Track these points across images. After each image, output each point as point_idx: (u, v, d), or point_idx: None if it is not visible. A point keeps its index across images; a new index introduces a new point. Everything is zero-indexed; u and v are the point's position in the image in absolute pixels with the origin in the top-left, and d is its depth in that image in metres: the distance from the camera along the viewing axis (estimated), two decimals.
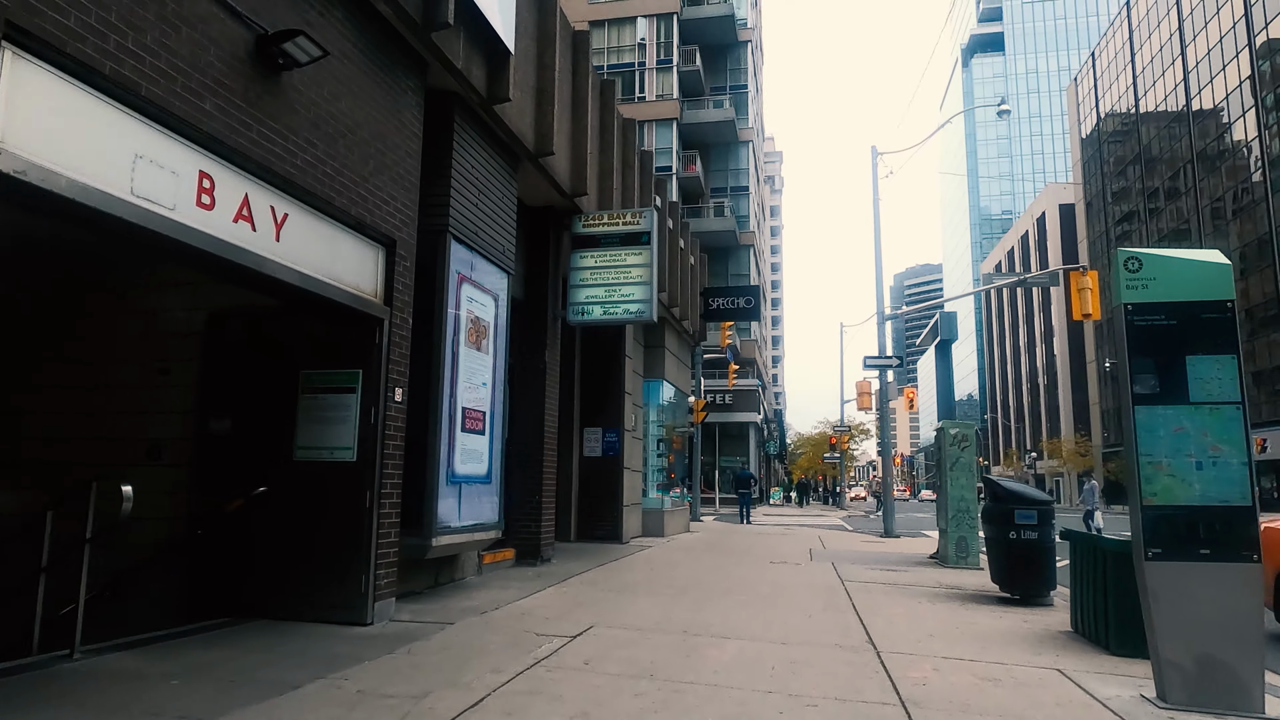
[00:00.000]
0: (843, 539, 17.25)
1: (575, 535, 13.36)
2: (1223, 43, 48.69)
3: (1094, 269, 17.87)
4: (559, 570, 9.39)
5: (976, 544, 11.95)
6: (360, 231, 5.97)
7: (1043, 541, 8.42)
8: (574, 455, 13.45)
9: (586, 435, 13.66)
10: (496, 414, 8.12)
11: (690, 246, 18.06)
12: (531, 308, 10.08)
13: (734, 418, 37.76)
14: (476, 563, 8.61)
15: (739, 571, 10.18)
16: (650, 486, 16.59)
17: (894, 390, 18.91)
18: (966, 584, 9.80)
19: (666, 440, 17.78)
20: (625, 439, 13.69)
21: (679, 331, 17.79)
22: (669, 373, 16.99)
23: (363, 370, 6.09)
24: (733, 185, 41.46)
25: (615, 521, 13.32)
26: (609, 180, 11.20)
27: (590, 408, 13.70)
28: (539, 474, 9.76)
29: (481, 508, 7.71)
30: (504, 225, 8.38)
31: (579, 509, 13.46)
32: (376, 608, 5.89)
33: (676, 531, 17.18)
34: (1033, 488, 8.97)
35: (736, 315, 18.39)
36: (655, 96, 38.78)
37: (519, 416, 9.90)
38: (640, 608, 7.06)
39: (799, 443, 77.26)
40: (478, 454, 7.66)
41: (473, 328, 7.62)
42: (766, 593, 8.29)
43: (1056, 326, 79.66)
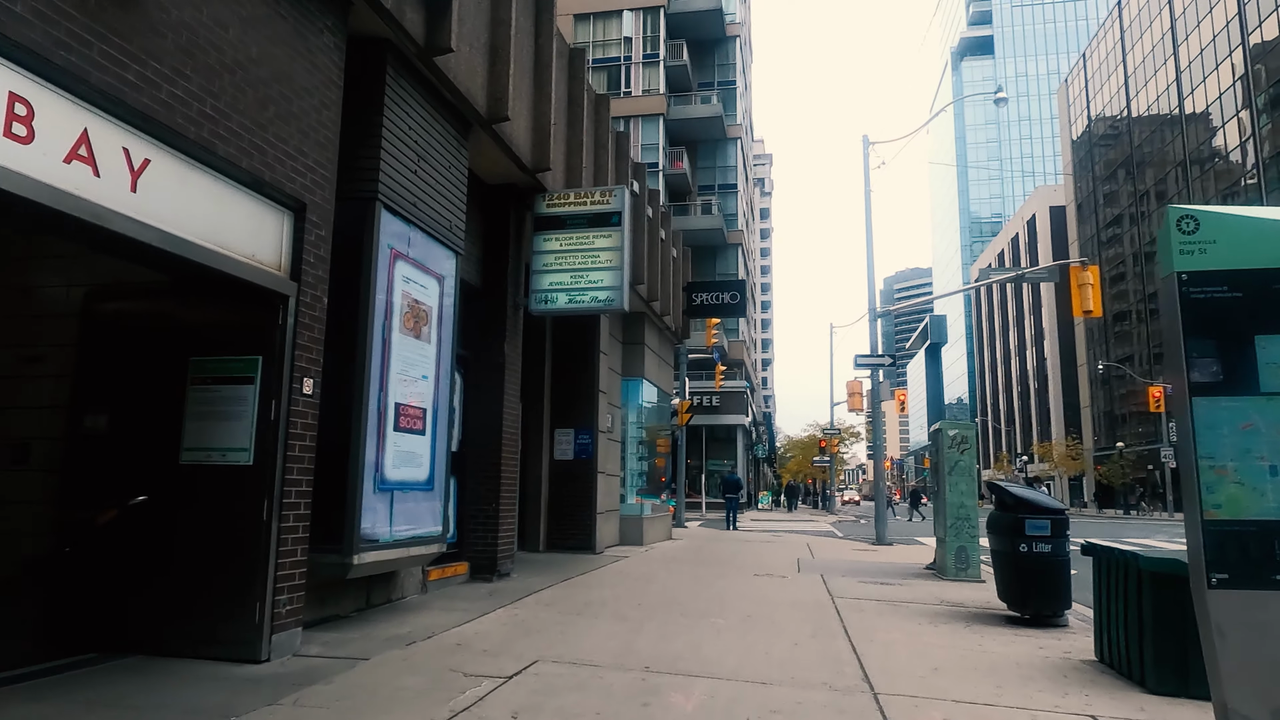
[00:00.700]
0: (833, 547, 16.33)
1: (544, 545, 12.38)
2: (1215, 42, 48.23)
3: (1094, 264, 17.00)
4: (516, 587, 8.41)
5: (977, 554, 11.05)
6: (258, 191, 4.99)
7: (1057, 555, 7.51)
8: (543, 459, 12.48)
9: (557, 437, 12.70)
10: (441, 411, 7.15)
11: (672, 239, 17.13)
12: (490, 295, 9.12)
13: (722, 420, 36.85)
14: (420, 580, 7.63)
15: (719, 586, 9.23)
16: (629, 492, 15.63)
17: (886, 391, 18.01)
18: (969, 600, 8.88)
19: (647, 443, 16.83)
20: (600, 441, 12.73)
21: (660, 328, 16.84)
22: (649, 371, 16.04)
23: (263, 357, 5.11)
24: (721, 183, 40.60)
25: (588, 530, 12.36)
26: (577, 158, 10.25)
27: (561, 407, 12.74)
28: (496, 479, 8.79)
29: (420, 518, 6.74)
30: (451, 199, 7.42)
31: (549, 517, 12.49)
32: (275, 641, 4.91)
33: (658, 539, 16.22)
34: (1044, 493, 8.06)
35: (721, 311, 17.47)
36: (641, 91, 37.91)
37: (474, 416, 8.94)
38: (599, 635, 6.09)
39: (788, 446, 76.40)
40: (415, 457, 6.68)
41: (410, 312, 6.65)
42: (747, 613, 7.34)
43: (1047, 329, 79.19)
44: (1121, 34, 61.91)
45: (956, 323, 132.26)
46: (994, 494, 8.08)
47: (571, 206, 9.32)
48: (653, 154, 37.07)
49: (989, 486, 8.30)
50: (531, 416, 12.49)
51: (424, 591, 7.67)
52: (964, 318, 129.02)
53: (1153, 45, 56.51)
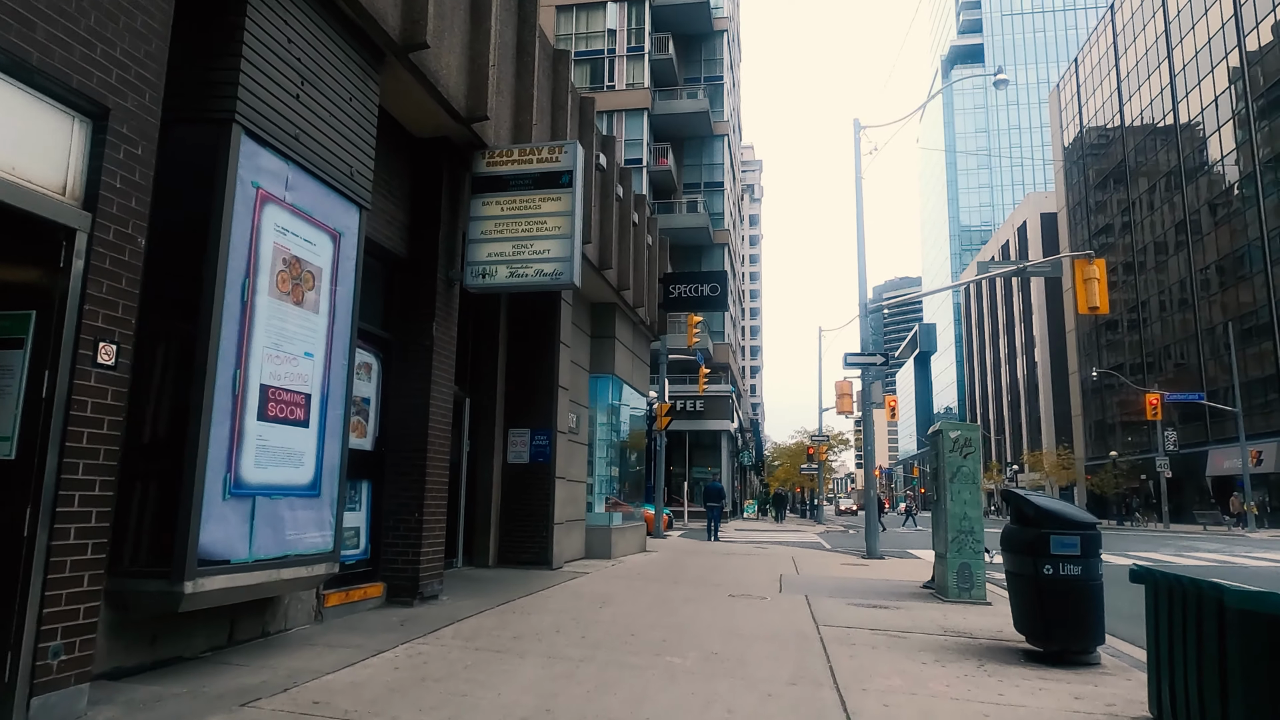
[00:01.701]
0: (820, 561, 14.99)
1: (495, 560, 10.98)
2: (1210, 45, 47.45)
3: (1100, 258, 15.80)
4: (439, 613, 7.02)
5: (983, 572, 9.73)
6: (22, 80, 3.62)
7: (1089, 579, 6.19)
8: (495, 462, 11.09)
9: (511, 437, 11.31)
10: (334, 399, 5.77)
11: (648, 225, 15.80)
12: (418, 268, 7.75)
13: (706, 425, 35.51)
14: (314, 607, 6.23)
15: (685, 612, 7.86)
16: (597, 500, 14.26)
17: (877, 394, 16.73)
18: (977, 629, 7.55)
19: (619, 446, 15.46)
20: (559, 443, 11.36)
21: (633, 321, 15.49)
22: (621, 368, 14.68)
23: (36, 312, 3.74)
24: (707, 181, 39.39)
25: (543, 543, 10.97)
26: (527, 114, 8.91)
27: (517, 404, 11.36)
28: (421, 483, 7.40)
29: (299, 531, 5.35)
30: (354, 140, 6.06)
31: (500, 527, 11.10)
32: (38, 706, 3.51)
33: (629, 552, 14.83)
34: (1073, 505, 6.73)
35: (701, 304, 16.16)
36: (625, 85, 36.70)
37: (396, 408, 7.55)
38: (516, 685, 4.72)
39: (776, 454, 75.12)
40: (292, 454, 5.29)
41: (287, 272, 5.28)
42: (713, 649, 5.98)
43: (1038, 337, 78.34)
44: (1114, 38, 61.23)
45: (946, 331, 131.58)
46: (1011, 505, 6.76)
47: (515, 165, 7.97)
48: (637, 150, 35.84)
49: (1004, 496, 6.97)
50: (482, 414, 11.12)
51: (318, 621, 6.27)
52: (953, 326, 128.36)
53: (1146, 49, 55.79)
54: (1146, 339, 57.07)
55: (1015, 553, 6.51)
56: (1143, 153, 56.90)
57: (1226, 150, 46.08)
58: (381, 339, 7.52)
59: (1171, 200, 52.83)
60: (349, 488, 7.05)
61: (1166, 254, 53.22)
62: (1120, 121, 60.16)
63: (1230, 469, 43.47)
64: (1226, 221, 45.96)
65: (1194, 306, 49.66)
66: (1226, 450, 44.76)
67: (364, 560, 7.19)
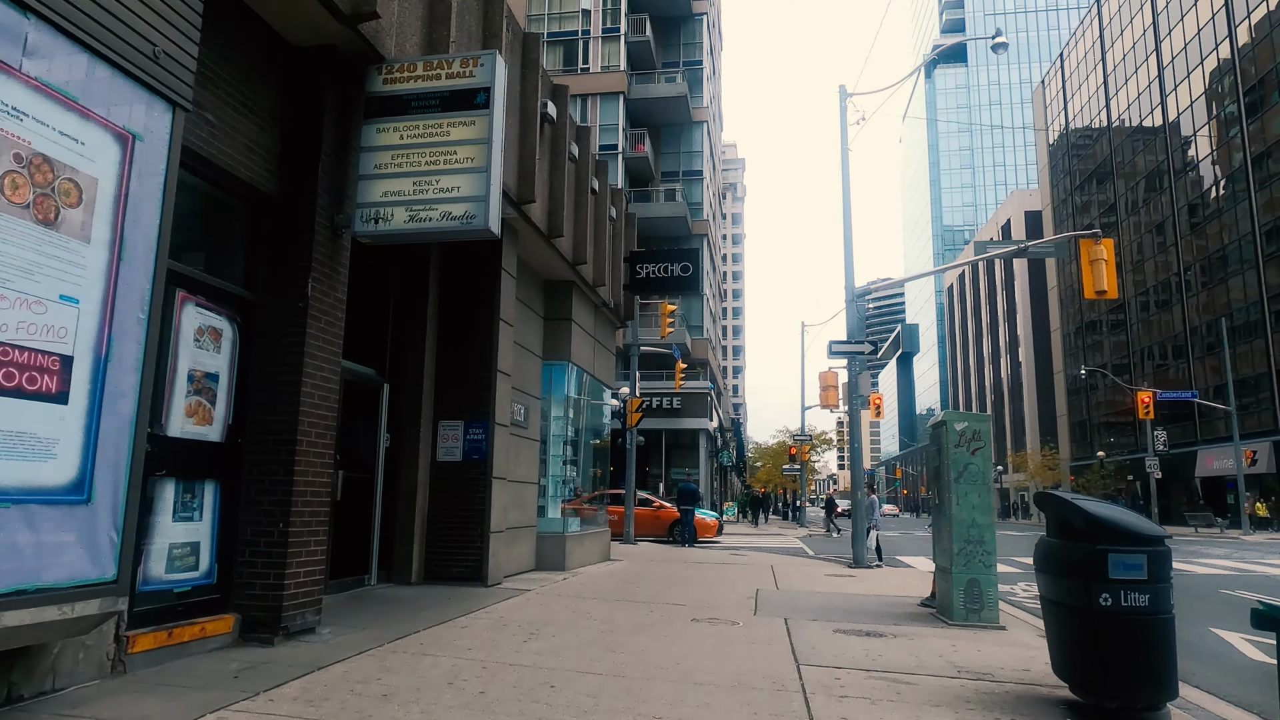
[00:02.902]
0: (802, 570, 13.41)
1: (420, 575, 9.30)
2: (1200, 36, 46.50)
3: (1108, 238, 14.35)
4: (305, 654, 5.35)
5: (994, 589, 8.18)
6: None
7: (1158, 611, 4.63)
8: (421, 459, 9.41)
9: (442, 431, 9.63)
10: (122, 364, 4.09)
11: (611, 196, 14.17)
12: (291, 209, 6.07)
13: (683, 424, 33.89)
14: (109, 654, 4.55)
15: (633, 646, 6.24)
16: (551, 504, 12.60)
17: (864, 384, 15.19)
18: (998, 666, 5.98)
19: (579, 443, 13.82)
20: (498, 437, 9.70)
21: (594, 304, 13.86)
22: (579, 355, 13.04)
23: None
24: (685, 169, 37.81)
25: (477, 555, 9.30)
26: (444, 29, 7.23)
27: (449, 392, 9.69)
28: (287, 485, 5.73)
29: (44, 555, 3.67)
30: (162, 7, 4.38)
31: (427, 536, 9.42)
32: None
33: (588, 561, 13.19)
34: (1132, 511, 5.16)
35: (672, 286, 14.53)
36: (600, 68, 35.07)
37: (258, 388, 5.88)
38: None
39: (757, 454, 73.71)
40: (36, 444, 3.62)
41: (24, 175, 3.60)
42: (657, 715, 4.35)
43: (1022, 336, 77.48)
44: (1101, 31, 60.33)
45: (928, 332, 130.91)
46: (1050, 513, 5.19)
47: (419, 82, 6.30)
48: (612, 135, 34.21)
49: (1041, 501, 5.39)
50: (406, 403, 9.44)
51: (116, 674, 4.58)
52: (936, 326, 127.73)
53: (1134, 42, 54.86)
54: (1133, 339, 56.14)
55: (1058, 576, 4.94)
56: (1129, 148, 55.97)
57: (1217, 145, 45.12)
58: (239, 299, 5.84)
59: (1159, 196, 51.89)
60: (187, 491, 5.37)
61: (1154, 251, 52.26)
62: (1106, 116, 59.25)
63: (1220, 469, 42.45)
64: (1216, 217, 44.98)
65: (1183, 304, 48.70)
66: (1216, 450, 43.76)
67: (206, 586, 5.49)
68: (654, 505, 23.82)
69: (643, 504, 23.21)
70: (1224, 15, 43.67)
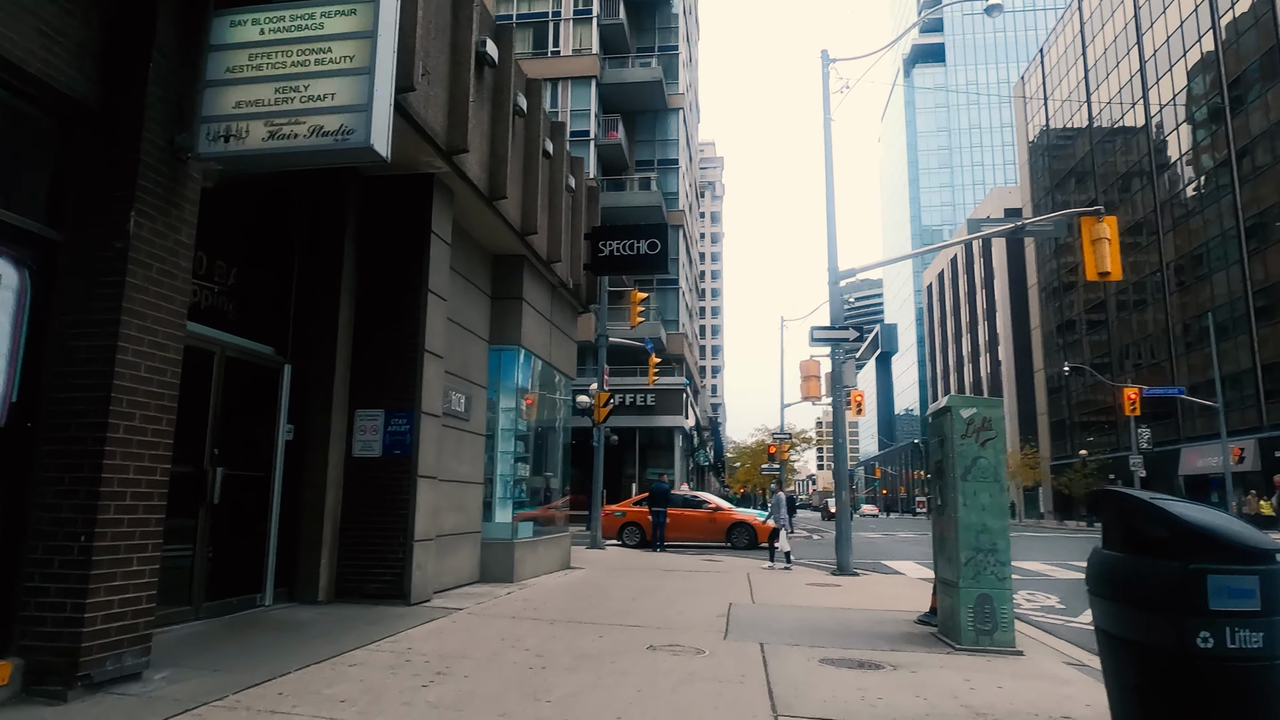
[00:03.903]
0: (782, 580, 12.07)
1: (330, 591, 7.84)
2: (1183, 29, 45.89)
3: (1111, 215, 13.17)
4: (106, 715, 3.90)
5: (1010, 607, 6.86)
6: None
7: (1277, 654, 3.33)
8: (332, 454, 7.95)
9: (359, 422, 8.18)
10: None
11: (569, 165, 12.77)
12: (110, 124, 4.62)
13: (658, 422, 32.51)
14: None
15: (565, 690, 4.84)
16: (500, 506, 11.17)
17: (849, 373, 13.90)
18: (1028, 710, 4.66)
19: (536, 439, 12.40)
20: (426, 429, 8.26)
21: (550, 283, 12.45)
22: (532, 339, 11.63)
23: None
24: (660, 158, 36.46)
25: (398, 567, 7.86)
26: None
27: (367, 377, 8.24)
28: (93, 484, 4.27)
29: None
30: None
31: (339, 546, 7.96)
32: None
33: (542, 571, 11.77)
34: (1235, 518, 3.82)
35: (638, 265, 13.15)
36: (571, 51, 33.64)
37: (57, 355, 4.41)
38: None
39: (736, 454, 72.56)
40: None
41: None
42: None
43: (1002, 335, 76.96)
44: (1081, 26, 59.78)
45: (907, 332, 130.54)
46: (1114, 516, 3.87)
47: None
48: (584, 121, 32.80)
49: (1104, 499, 4.05)
50: (314, 388, 7.98)
51: None
52: (915, 326, 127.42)
53: (1115, 35, 54.27)
54: (1113, 336, 55.56)
55: (1130, 605, 3.61)
56: (1111, 143, 55.39)
57: (1199, 140, 44.50)
58: (37, 239, 4.39)
59: (1141, 192, 51.30)
60: None
61: (1135, 248, 51.67)
62: (1088, 111, 58.68)
63: (1205, 467, 41.79)
64: (1199, 212, 44.35)
65: (1165, 301, 48.10)
66: (1201, 448, 43.11)
67: None
68: (709, 507, 21.23)
69: (693, 505, 21.10)
70: (1207, 6, 43.05)
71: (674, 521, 20.00)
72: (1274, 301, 38.03)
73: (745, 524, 20.21)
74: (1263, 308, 38.74)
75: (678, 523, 20.13)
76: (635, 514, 20.98)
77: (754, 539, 19.77)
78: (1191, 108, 45.10)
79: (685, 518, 20.46)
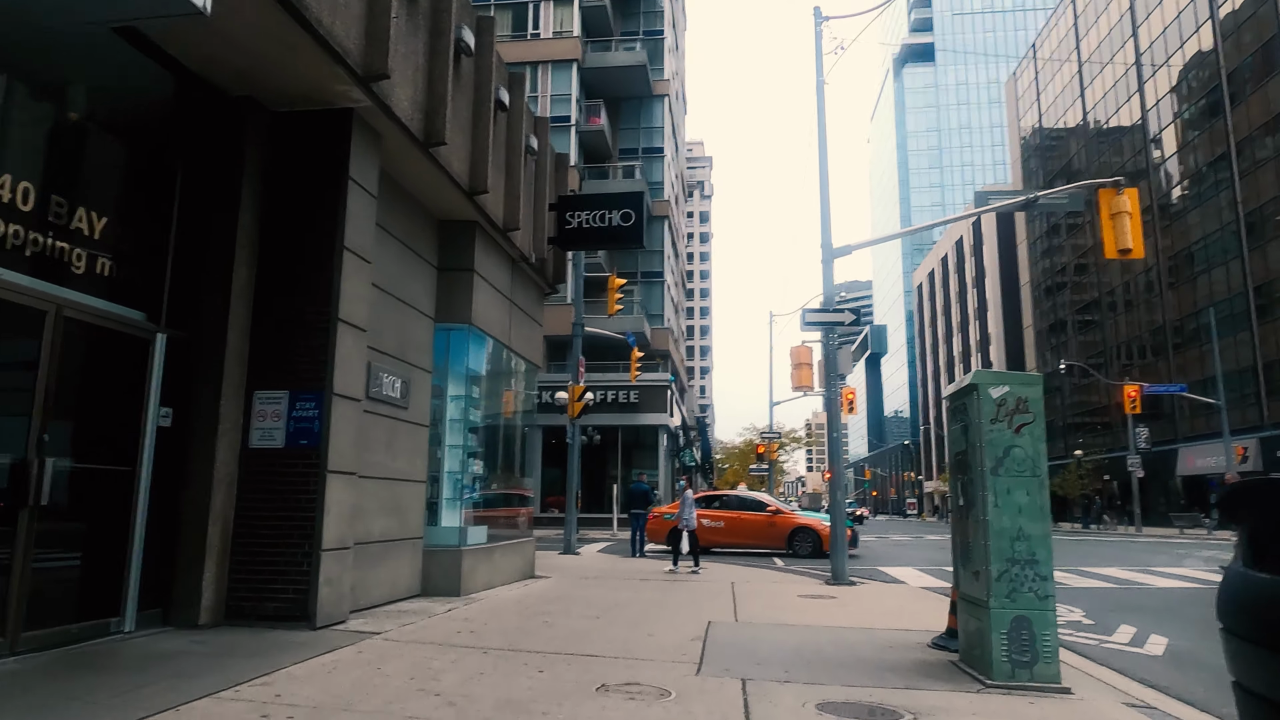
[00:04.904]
0: (769, 589, 10.70)
1: (217, 613, 6.40)
2: (1180, 19, 44.91)
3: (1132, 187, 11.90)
4: None
5: (1054, 632, 5.50)
6: None
7: None
8: (221, 444, 6.52)
9: (258, 405, 6.76)
10: None
11: (530, 124, 11.39)
12: None
13: (642, 420, 31.07)
14: None
15: None
16: (447, 508, 9.75)
17: (844, 360, 12.57)
18: None
19: (487, 431, 11.00)
20: (339, 414, 6.84)
21: (510, 257, 11.05)
22: (486, 318, 10.22)
23: None
24: (645, 146, 35.09)
25: (302, 583, 6.44)
26: None
27: (268, 350, 6.82)
28: None
29: None
30: None
31: (230, 557, 6.53)
32: None
33: (497, 582, 10.36)
34: None
35: (610, 238, 11.77)
36: (552, 34, 32.25)
37: None
38: None
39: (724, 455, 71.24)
40: None
41: None
42: None
43: (994, 334, 75.98)
44: (1075, 19, 58.83)
45: (896, 333, 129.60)
46: (1267, 520, 2.54)
47: None
48: (564, 106, 31.42)
49: (1262, 492, 2.68)
50: (201, 362, 6.55)
51: None
52: (905, 327, 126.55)
53: (1110, 28, 53.31)
54: (1106, 335, 54.56)
55: None
56: (1105, 139, 54.41)
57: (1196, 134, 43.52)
58: None
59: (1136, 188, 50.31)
60: None
61: None
62: (1081, 106, 57.70)
63: (1203, 467, 40.73)
64: (1196, 207, 43.35)
65: (1161, 299, 47.09)
66: (1199, 448, 42.07)
67: None
68: (768, 509, 18.91)
69: (751, 507, 19.13)
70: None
71: (728, 526, 18.45)
72: (1275, 298, 37.02)
73: (809, 529, 18.04)
74: (1263, 305, 37.73)
75: (731, 527, 18.47)
76: None
77: (819, 546, 17.70)
78: (1188, 101, 44.13)
79: (740, 521, 18.61)
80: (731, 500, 19.51)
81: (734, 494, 20.10)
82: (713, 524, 18.59)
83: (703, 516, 18.58)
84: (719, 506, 19.23)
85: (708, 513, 18.72)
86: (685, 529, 13.46)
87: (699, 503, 19.35)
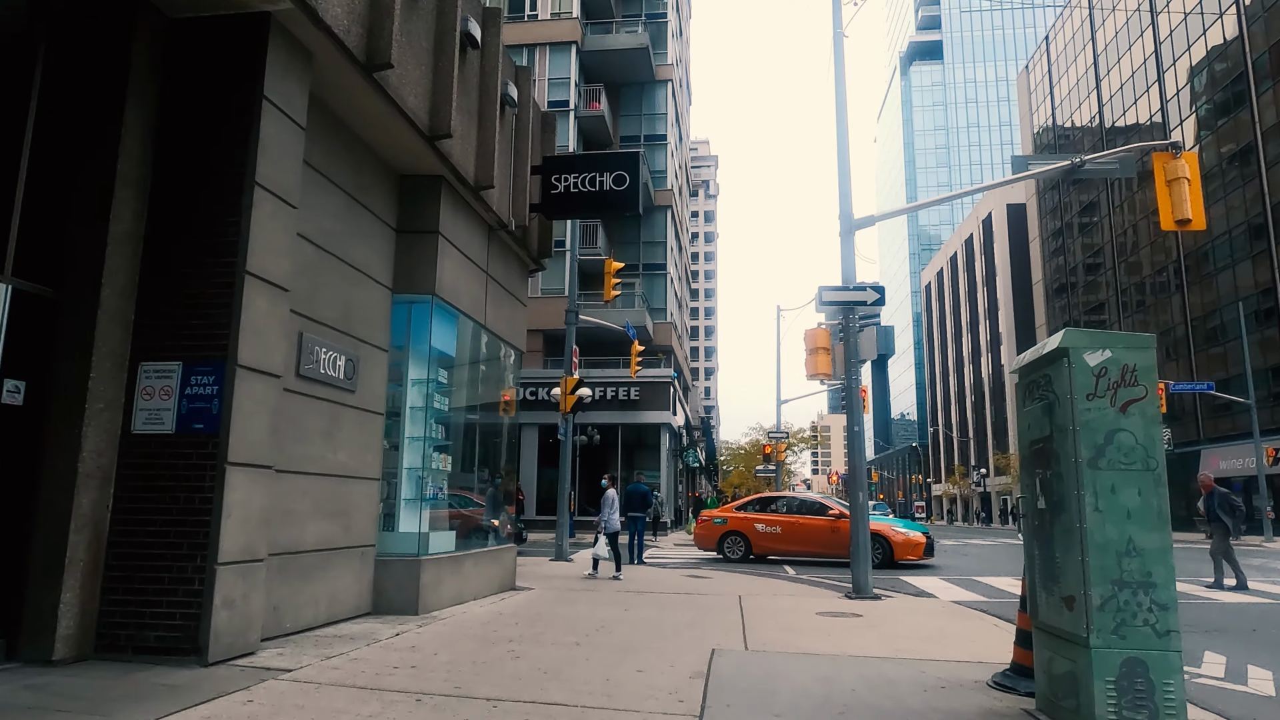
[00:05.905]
0: (783, 608, 9.25)
1: (83, 644, 5.01)
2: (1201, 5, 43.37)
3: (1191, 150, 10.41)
4: None
5: (1179, 679, 4.03)
6: None
7: None
8: (92, 428, 5.13)
9: (144, 379, 5.37)
10: None
11: (510, 69, 10.01)
12: None
13: (643, 418, 29.63)
14: None
15: None
16: (406, 510, 8.33)
17: (867, 344, 11.15)
18: None
19: (460, 423, 9.60)
20: (246, 389, 5.45)
21: (485, 223, 9.66)
22: (454, 290, 8.82)
23: None
24: (648, 134, 33.71)
25: (194, 605, 5.04)
26: None
27: (158, 310, 5.43)
28: None
29: None
30: None
31: (105, 571, 5.15)
32: None
33: (467, 596, 8.95)
34: None
35: (601, 205, 10.37)
36: (550, 15, 30.91)
37: None
38: None
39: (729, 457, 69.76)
40: None
41: None
42: None
43: (1004, 333, 74.36)
44: (1090, 10, 57.30)
45: (904, 334, 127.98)
46: None
47: None
48: (563, 90, 30.06)
49: None
50: (70, 326, 5.17)
51: None
52: (912, 328, 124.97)
53: (1127, 18, 51.77)
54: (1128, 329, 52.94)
55: None
56: (1122, 131, 52.84)
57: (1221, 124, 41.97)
58: None
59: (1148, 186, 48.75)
60: None
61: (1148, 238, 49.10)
62: (1096, 99, 56.14)
63: (1229, 470, 39.14)
64: (1221, 198, 41.79)
65: (1183, 295, 45.51)
66: (1224, 449, 40.48)
67: None
68: (830, 513, 17.05)
69: (811, 510, 17.44)
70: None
71: (785, 531, 17.00)
72: None
73: (878, 535, 16.03)
74: None
75: (789, 533, 16.97)
76: (739, 522, 17.60)
77: (889, 555, 15.89)
78: (1210, 91, 42.57)
79: (799, 527, 16.96)
80: (789, 503, 17.85)
81: (792, 495, 18.52)
82: (768, 529, 17.18)
83: (757, 521, 17.37)
84: (775, 510, 17.66)
85: (763, 516, 17.35)
86: (605, 531, 12.53)
87: (752, 505, 18.06)
